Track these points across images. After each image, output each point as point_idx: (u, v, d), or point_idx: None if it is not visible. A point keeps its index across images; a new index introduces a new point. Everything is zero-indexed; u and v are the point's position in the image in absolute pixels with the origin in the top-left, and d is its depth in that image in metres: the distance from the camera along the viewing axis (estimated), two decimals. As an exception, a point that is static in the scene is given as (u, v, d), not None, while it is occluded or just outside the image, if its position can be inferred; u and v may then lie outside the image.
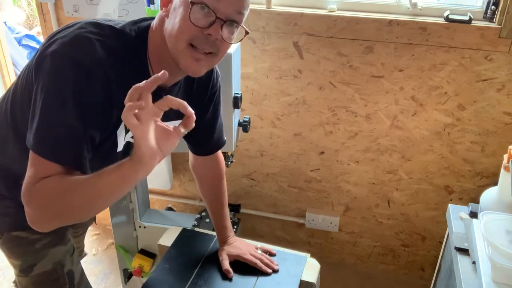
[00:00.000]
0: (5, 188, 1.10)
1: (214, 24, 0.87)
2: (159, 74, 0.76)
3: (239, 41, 0.96)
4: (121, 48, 0.90)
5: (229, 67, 1.50)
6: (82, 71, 0.84)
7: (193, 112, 0.82)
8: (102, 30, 0.90)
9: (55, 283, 1.18)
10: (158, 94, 0.82)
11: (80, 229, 1.46)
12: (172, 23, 0.90)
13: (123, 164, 0.81)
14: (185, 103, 0.81)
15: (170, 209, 2.16)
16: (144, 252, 1.83)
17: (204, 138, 1.23)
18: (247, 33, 0.94)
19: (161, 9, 0.94)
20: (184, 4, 0.88)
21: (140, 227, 1.71)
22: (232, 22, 0.89)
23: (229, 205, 2.12)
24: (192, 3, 0.86)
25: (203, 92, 1.13)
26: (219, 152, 1.31)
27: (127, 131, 1.00)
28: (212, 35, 0.87)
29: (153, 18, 0.99)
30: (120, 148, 1.02)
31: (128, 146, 1.06)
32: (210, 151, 1.28)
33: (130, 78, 0.84)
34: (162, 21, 0.94)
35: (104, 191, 0.82)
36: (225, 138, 1.29)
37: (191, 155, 1.31)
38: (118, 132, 0.98)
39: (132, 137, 1.03)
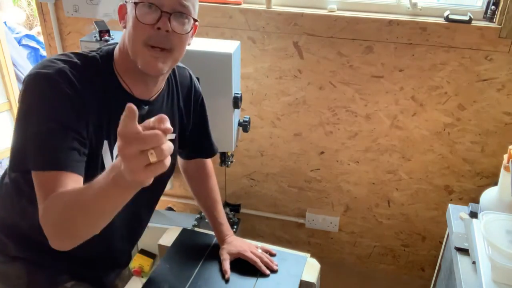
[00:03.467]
0: (15, 249, 1.05)
1: (161, 18, 0.91)
2: (126, 110, 0.64)
3: (190, 30, 0.96)
4: (88, 70, 0.94)
5: (229, 67, 1.50)
6: (54, 87, 0.88)
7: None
8: (71, 59, 0.94)
9: None
10: (140, 107, 0.90)
11: (111, 274, 1.24)
12: (127, 29, 0.95)
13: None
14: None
15: (170, 209, 2.16)
16: (144, 252, 1.83)
17: (197, 144, 1.27)
18: (195, 20, 0.97)
19: (120, 23, 0.99)
20: (130, 6, 0.93)
21: (140, 227, 1.71)
22: (180, 14, 0.93)
23: (229, 205, 2.12)
24: (136, 3, 0.91)
25: (187, 101, 1.17)
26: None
27: (111, 151, 0.99)
28: (162, 28, 0.91)
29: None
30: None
31: None
32: (206, 154, 1.32)
33: (101, 93, 0.94)
34: (124, 35, 0.98)
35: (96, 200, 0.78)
36: (216, 147, 1.32)
37: (180, 159, 1.34)
38: (103, 153, 0.97)
39: None
